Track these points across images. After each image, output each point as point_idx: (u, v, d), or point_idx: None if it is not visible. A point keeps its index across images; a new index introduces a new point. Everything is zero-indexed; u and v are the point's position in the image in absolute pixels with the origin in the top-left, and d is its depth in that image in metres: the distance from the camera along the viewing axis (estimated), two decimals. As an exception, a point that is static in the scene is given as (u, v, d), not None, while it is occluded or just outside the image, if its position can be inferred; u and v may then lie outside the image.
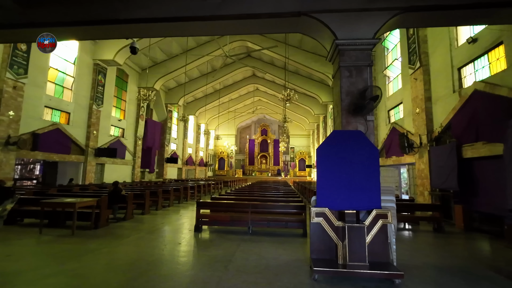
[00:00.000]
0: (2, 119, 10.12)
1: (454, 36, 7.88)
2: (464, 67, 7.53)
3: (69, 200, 5.81)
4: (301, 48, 18.73)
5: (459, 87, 7.56)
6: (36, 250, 4.59)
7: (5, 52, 10.28)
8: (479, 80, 6.74)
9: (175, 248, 4.76)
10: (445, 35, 8.06)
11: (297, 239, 5.59)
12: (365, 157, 3.69)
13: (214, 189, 17.64)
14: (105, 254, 4.39)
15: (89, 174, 14.71)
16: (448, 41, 7.96)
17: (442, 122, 7.95)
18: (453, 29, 7.90)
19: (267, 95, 31.69)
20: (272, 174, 38.61)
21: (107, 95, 16.39)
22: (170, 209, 9.73)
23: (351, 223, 3.49)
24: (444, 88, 8.03)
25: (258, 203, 6.17)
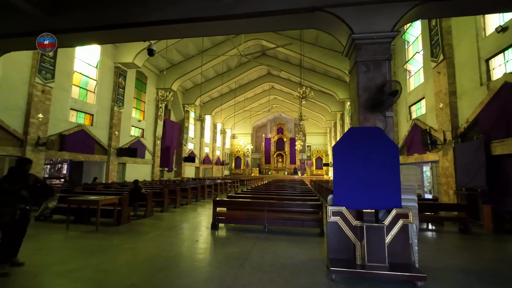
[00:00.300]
0: (33, 122, 10.78)
1: (481, 25, 7.41)
2: (493, 58, 7.06)
3: (93, 198, 6.09)
4: (317, 45, 18.41)
5: (487, 80, 7.11)
6: (64, 244, 4.85)
7: (34, 58, 10.93)
8: (510, 71, 6.30)
9: (192, 245, 4.86)
10: (471, 25, 7.60)
11: (314, 238, 5.52)
12: (384, 155, 3.57)
13: (231, 188, 17.81)
14: (127, 249, 4.56)
15: (112, 173, 15.34)
16: (474, 31, 7.50)
17: (468, 117, 7.52)
18: (480, 18, 7.43)
19: (283, 93, 31.48)
20: (288, 172, 38.37)
21: (128, 96, 16.99)
22: (188, 207, 9.94)
23: (370, 223, 3.39)
24: (470, 81, 7.59)
25: (274, 202, 6.15)
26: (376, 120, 3.94)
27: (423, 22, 10.06)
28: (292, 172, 38.46)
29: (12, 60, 10.24)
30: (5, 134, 9.97)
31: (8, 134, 10.06)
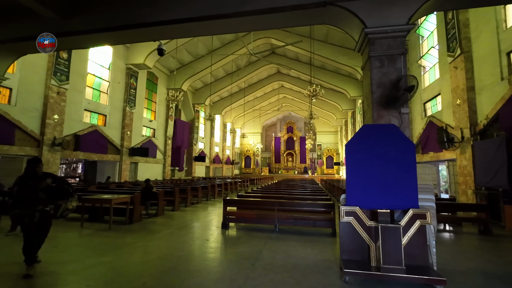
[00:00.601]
0: (49, 123, 11.10)
1: (502, 17, 7.07)
2: (515, 51, 6.73)
3: (106, 197, 6.20)
4: (327, 42, 18.14)
5: (509, 74, 6.77)
6: (78, 242, 4.95)
7: (49, 61, 11.25)
8: (533, 64, 5.98)
9: (203, 244, 4.85)
10: (490, 16, 7.26)
11: (326, 238, 5.41)
12: (400, 152, 3.44)
13: (241, 187, 17.82)
14: (139, 248, 4.60)
15: (124, 172, 15.64)
16: (494, 23, 7.16)
17: (488, 113, 7.19)
18: (500, 9, 7.09)
19: (292, 92, 31.25)
20: (298, 172, 38.10)
21: (139, 97, 17.28)
22: (199, 206, 9.99)
23: (385, 223, 3.27)
24: (490, 75, 7.25)
25: (285, 201, 6.08)
26: (391, 117, 3.80)
27: (439, 16, 9.71)
28: (302, 171, 38.17)
29: (29, 63, 10.58)
30: (23, 135, 10.32)
31: (26, 135, 10.41)
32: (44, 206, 3.57)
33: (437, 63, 10.40)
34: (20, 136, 10.18)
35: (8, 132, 9.74)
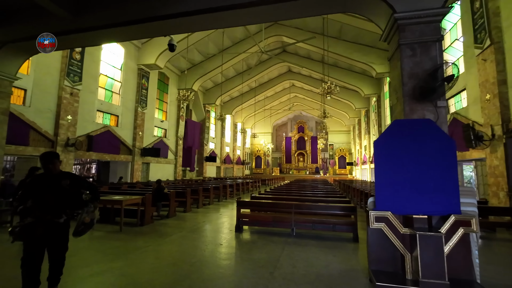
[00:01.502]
0: (62, 123, 11.16)
1: (539, 3, 6.47)
2: (555, 40, 6.12)
3: (117, 198, 6.04)
4: (341, 38, 17.61)
5: (548, 65, 6.17)
6: (88, 245, 4.78)
7: (62, 62, 11.32)
8: None
9: (216, 249, 4.58)
10: (525, 3, 6.67)
11: (348, 244, 5.03)
12: (438, 150, 3.04)
13: (252, 188, 17.54)
14: (150, 252, 4.37)
15: (136, 172, 15.65)
16: (529, 10, 6.57)
17: (523, 109, 6.60)
18: (537, -5, 6.49)
19: (304, 91, 30.74)
20: (310, 172, 37.48)
21: (150, 97, 17.29)
22: (211, 207, 9.77)
23: (423, 231, 2.88)
24: (525, 67, 6.66)
25: (302, 204, 5.73)
26: (425, 111, 3.40)
27: (464, 5, 9.10)
28: (314, 171, 37.52)
29: (43, 65, 10.66)
30: (38, 136, 10.39)
31: (40, 136, 10.48)
32: (66, 214, 2.80)
33: (461, 56, 9.77)
34: (34, 137, 10.26)
35: (23, 133, 9.82)
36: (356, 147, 31.73)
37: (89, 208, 2.92)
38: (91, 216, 2.95)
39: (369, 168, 24.93)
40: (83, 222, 2.91)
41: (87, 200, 2.90)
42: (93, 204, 2.96)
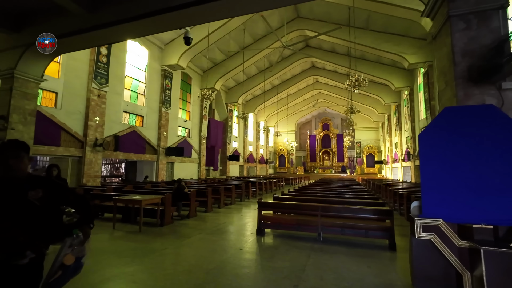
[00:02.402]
0: (91, 124, 11.57)
1: None
2: None
3: (136, 198, 5.95)
4: (368, 29, 16.52)
5: None
6: (106, 246, 4.68)
7: (90, 65, 11.73)
8: None
9: (236, 255, 4.24)
10: None
11: (383, 252, 4.44)
12: (506, 144, 2.41)
13: (276, 187, 17.09)
14: (166, 256, 4.15)
15: (161, 171, 15.93)
16: None
17: None
18: None
19: (328, 87, 29.59)
20: (336, 171, 36.12)
21: (174, 98, 17.52)
22: (232, 207, 9.51)
23: (488, 244, 2.28)
24: None
25: (330, 206, 5.20)
26: (485, 95, 2.76)
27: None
28: (339, 170, 36.10)
29: (72, 68, 11.11)
30: (68, 137, 10.84)
31: (71, 136, 10.93)
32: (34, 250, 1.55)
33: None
34: (65, 138, 10.71)
35: (55, 134, 10.28)
36: (385, 145, 29.95)
37: (73, 239, 1.73)
38: (78, 252, 1.74)
39: (400, 166, 23.32)
40: (62, 264, 1.67)
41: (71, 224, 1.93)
42: (82, 232, 1.79)
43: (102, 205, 7.04)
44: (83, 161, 11.24)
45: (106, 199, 7.16)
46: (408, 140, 20.74)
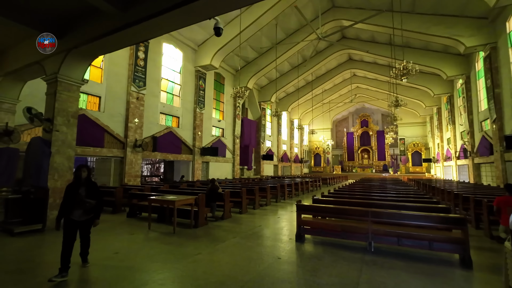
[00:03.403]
0: (130, 126, 12.05)
1: None
2: None
3: (170, 198, 5.82)
4: (414, 12, 14.85)
5: None
6: (140, 248, 4.56)
7: (129, 69, 12.23)
8: None
9: (273, 265, 3.77)
10: None
11: (454, 270, 3.61)
12: None
13: (312, 187, 16.27)
14: (199, 262, 3.85)
15: (197, 171, 16.15)
16: None
17: None
18: None
19: (367, 80, 27.67)
20: (376, 170, 33.73)
21: (208, 98, 17.70)
22: (268, 208, 9.08)
23: None
24: None
25: (382, 211, 4.46)
26: None
27: None
28: (381, 169, 33.64)
29: (113, 73, 11.68)
30: (111, 138, 11.40)
31: (113, 138, 11.48)
32: None
33: None
34: (108, 139, 11.28)
35: (99, 136, 10.86)
36: (435, 141, 27.03)
37: None
38: None
39: (454, 165, 20.77)
40: None
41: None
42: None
43: (139, 204, 7.10)
44: (124, 161, 11.75)
45: (142, 198, 7.22)
46: (465, 135, 18.28)
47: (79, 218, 3.42)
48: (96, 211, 3.57)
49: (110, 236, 5.27)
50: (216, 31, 5.48)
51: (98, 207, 3.59)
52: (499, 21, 12.56)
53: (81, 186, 3.47)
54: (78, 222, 3.42)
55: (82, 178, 3.50)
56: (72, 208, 3.38)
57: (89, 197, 3.46)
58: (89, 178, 3.58)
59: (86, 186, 3.51)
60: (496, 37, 12.90)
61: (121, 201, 8.18)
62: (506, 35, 12.03)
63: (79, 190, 3.44)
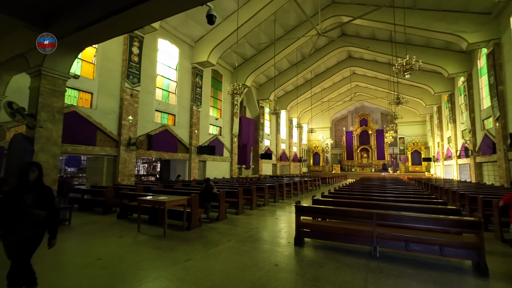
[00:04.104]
0: (124, 124, 11.66)
1: None
2: None
3: (161, 198, 5.46)
4: (416, 8, 14.53)
5: None
6: (125, 253, 4.20)
7: (123, 65, 11.82)
8: None
9: (270, 273, 3.43)
10: None
11: (468, 279, 3.29)
12: None
13: (311, 186, 15.95)
14: (189, 270, 3.50)
15: (193, 170, 15.78)
16: None
17: None
18: None
19: (367, 79, 27.35)
20: (376, 169, 33.45)
21: (205, 96, 17.32)
22: (265, 208, 8.74)
23: None
24: None
25: (388, 213, 4.12)
26: None
27: None
28: (380, 168, 33.36)
29: (106, 69, 11.27)
30: (104, 136, 11.01)
31: (106, 136, 11.09)
32: None
33: None
34: (101, 137, 10.89)
35: (91, 133, 10.47)
36: (435, 140, 26.78)
37: None
38: None
39: (455, 164, 20.49)
40: None
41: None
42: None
43: (130, 205, 6.75)
44: (118, 160, 11.37)
45: (133, 199, 6.86)
46: (466, 133, 18.00)
47: (20, 235, 2.41)
48: (48, 226, 2.58)
49: (95, 240, 4.91)
50: (208, 18, 5.12)
51: (51, 221, 2.57)
52: (503, 16, 12.26)
53: (28, 192, 2.50)
54: (18, 241, 2.42)
55: (30, 181, 2.54)
56: (11, 222, 2.40)
57: (37, 207, 2.48)
58: (39, 181, 2.60)
59: (35, 191, 2.53)
60: (500, 33, 12.60)
61: (112, 201, 7.81)
62: (510, 31, 11.73)
63: (23, 196, 2.47)
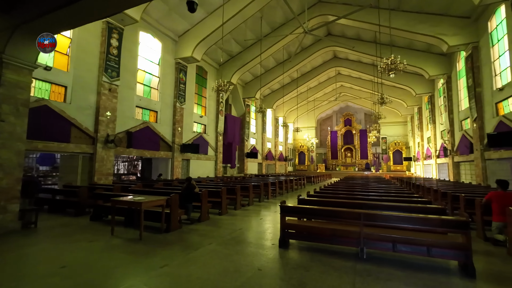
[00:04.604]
0: (102, 120, 11.01)
1: None
2: None
3: (137, 199, 5.09)
4: (400, 9, 14.77)
5: None
6: (95, 259, 3.82)
7: (100, 58, 11.16)
8: None
9: (253, 279, 3.19)
10: None
11: (456, 280, 3.21)
12: None
13: (297, 185, 15.89)
14: (164, 278, 3.20)
15: (176, 169, 15.27)
16: None
17: None
18: None
19: (351, 79, 27.76)
20: (359, 168, 34.12)
21: (189, 92, 16.80)
22: (250, 208, 8.51)
23: None
24: None
25: (376, 213, 3.99)
26: None
27: None
28: (363, 167, 34.07)
29: (82, 61, 10.57)
30: (79, 133, 10.34)
31: (81, 133, 10.42)
32: None
33: None
34: (76, 134, 10.21)
35: (65, 130, 9.78)
36: (415, 140, 27.65)
37: None
38: None
39: (434, 163, 21.19)
40: None
41: None
42: None
43: (105, 206, 6.29)
44: (94, 158, 10.73)
45: (108, 199, 6.40)
46: (445, 134, 18.63)
47: None
48: None
49: (63, 244, 4.48)
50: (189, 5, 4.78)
51: None
52: (482, 20, 12.69)
53: None
54: None
55: None
56: None
57: None
58: None
59: None
60: (478, 36, 13.04)
61: (85, 202, 7.29)
62: (488, 35, 12.15)
63: None
